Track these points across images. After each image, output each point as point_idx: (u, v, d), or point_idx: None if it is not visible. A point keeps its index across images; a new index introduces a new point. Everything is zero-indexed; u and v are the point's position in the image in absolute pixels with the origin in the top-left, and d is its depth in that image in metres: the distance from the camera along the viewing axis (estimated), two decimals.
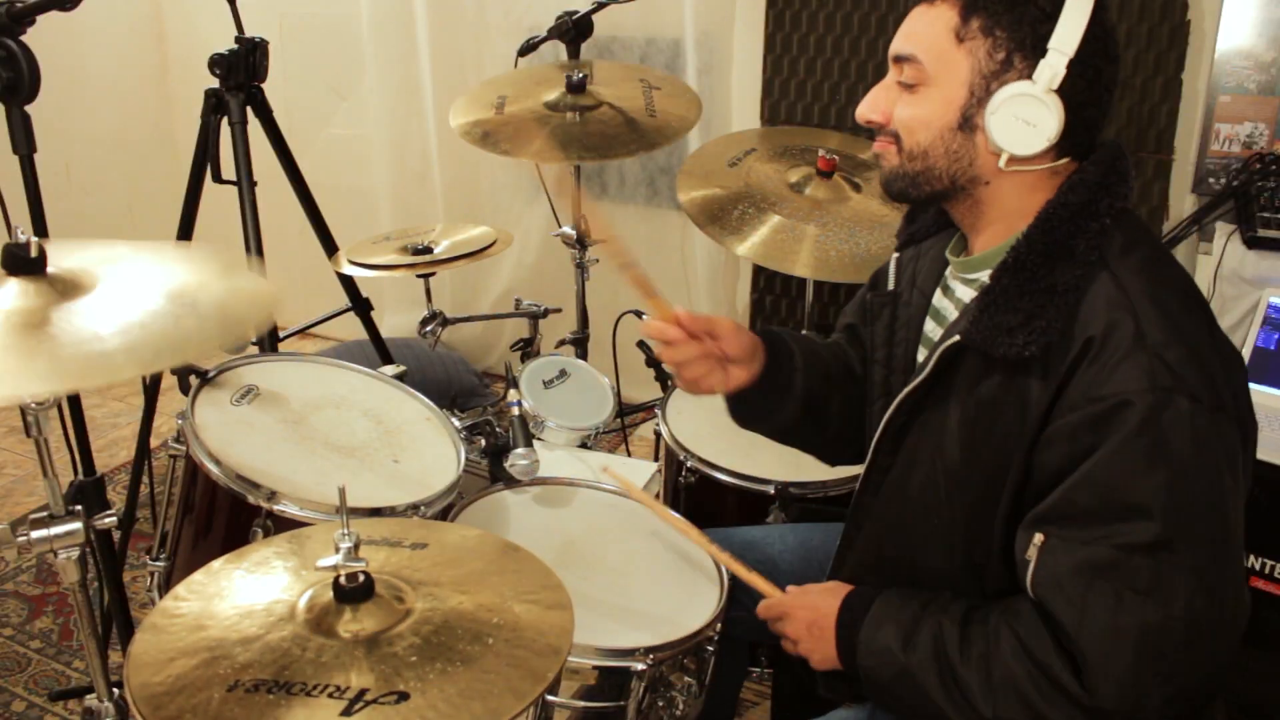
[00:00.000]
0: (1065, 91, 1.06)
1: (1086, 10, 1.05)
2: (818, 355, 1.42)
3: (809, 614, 1.25)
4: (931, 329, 1.27)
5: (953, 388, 1.14)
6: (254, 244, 2.09)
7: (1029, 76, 1.06)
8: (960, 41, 1.09)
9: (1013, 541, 1.10)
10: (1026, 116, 1.06)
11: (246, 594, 1.11)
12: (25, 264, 1.12)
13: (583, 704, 1.37)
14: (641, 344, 2.09)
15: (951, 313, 1.22)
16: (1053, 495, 1.04)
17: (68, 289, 1.13)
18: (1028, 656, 1.03)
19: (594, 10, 2.34)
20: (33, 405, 1.19)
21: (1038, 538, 1.05)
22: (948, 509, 1.15)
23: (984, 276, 1.14)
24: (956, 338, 1.11)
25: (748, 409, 1.41)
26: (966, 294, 1.20)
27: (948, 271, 1.25)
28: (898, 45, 1.14)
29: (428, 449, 1.68)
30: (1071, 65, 1.05)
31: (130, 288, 1.17)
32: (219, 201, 2.24)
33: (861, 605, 1.19)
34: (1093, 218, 1.07)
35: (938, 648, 1.10)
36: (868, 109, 1.16)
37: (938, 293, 1.27)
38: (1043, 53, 1.06)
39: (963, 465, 1.13)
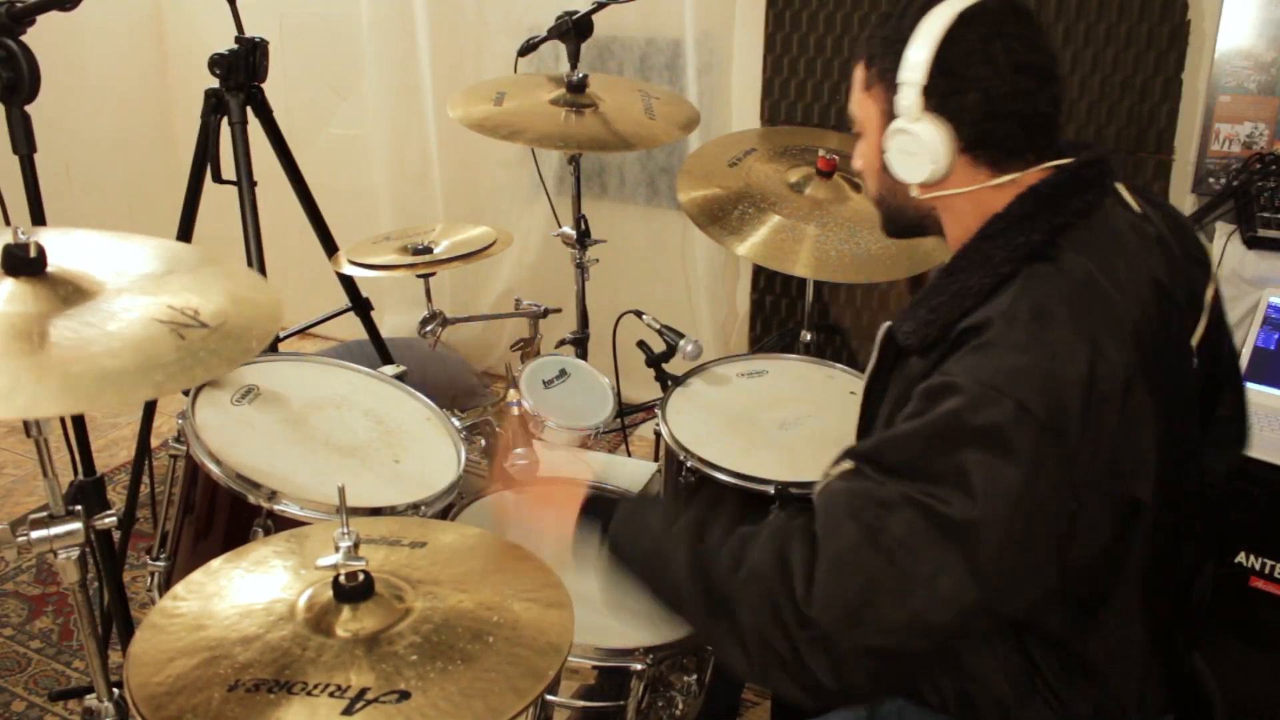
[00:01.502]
0: (949, 112, 1.10)
1: (935, 34, 1.09)
2: None
3: (552, 485, 1.29)
4: None
5: (885, 369, 1.20)
6: (254, 244, 2.09)
7: None
8: (867, 90, 1.19)
9: None
10: (904, 148, 1.14)
11: (246, 593, 1.11)
12: (24, 265, 1.12)
13: (582, 704, 1.37)
14: (641, 344, 2.09)
15: None
16: (874, 437, 1.09)
17: (70, 295, 1.13)
18: (777, 550, 1.04)
19: (594, 10, 2.34)
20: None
21: (846, 464, 1.08)
22: None
23: None
24: (888, 324, 1.17)
25: None
26: None
27: None
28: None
29: (428, 449, 1.68)
30: (942, 86, 1.09)
31: (132, 297, 1.16)
32: (219, 201, 2.24)
33: (608, 498, 1.22)
34: (1022, 231, 1.09)
35: (697, 528, 1.11)
36: (854, 161, 1.27)
37: None
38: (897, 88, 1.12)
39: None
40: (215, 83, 2.11)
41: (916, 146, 1.12)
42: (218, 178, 2.16)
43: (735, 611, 1.04)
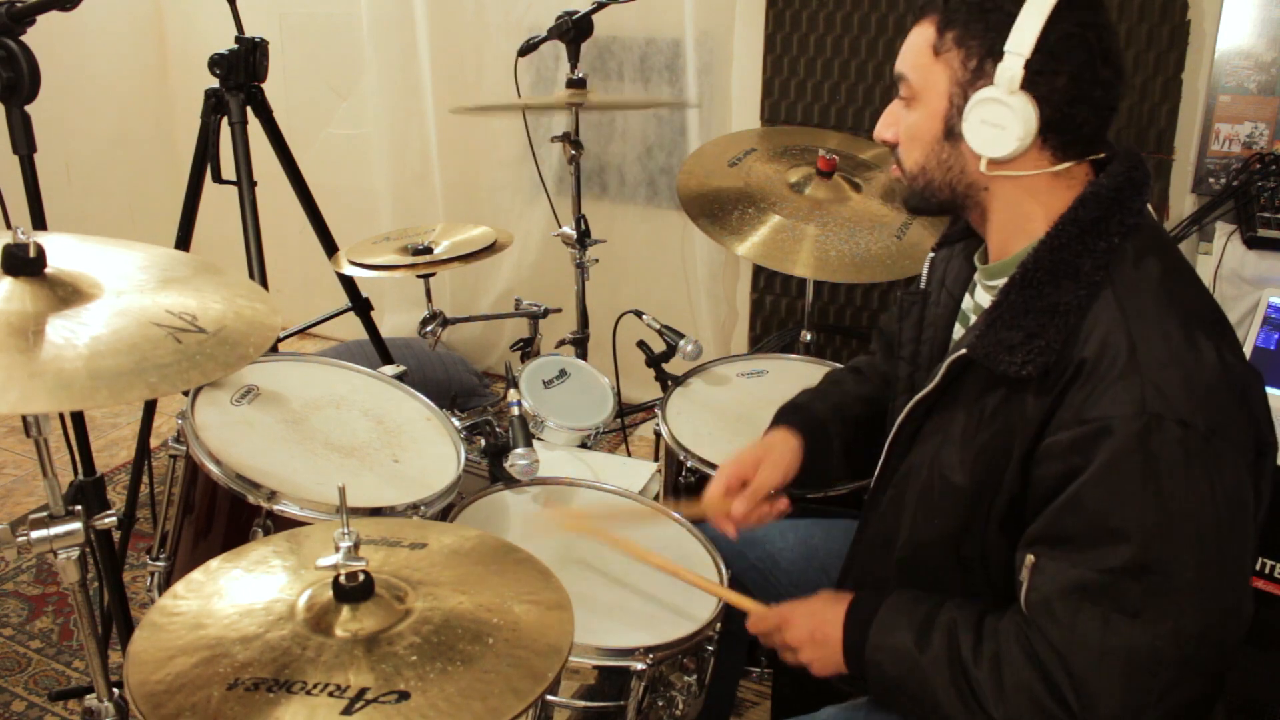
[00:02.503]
0: (1039, 91, 1.07)
1: (1045, 9, 1.06)
2: (848, 412, 1.48)
3: (811, 620, 1.24)
4: (958, 332, 1.29)
5: (960, 397, 1.15)
6: (254, 244, 2.09)
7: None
8: (937, 55, 1.13)
9: (1001, 550, 1.11)
10: (992, 119, 1.09)
11: (245, 593, 1.11)
12: (23, 265, 1.12)
13: (583, 704, 1.37)
14: (641, 344, 2.09)
15: (974, 318, 1.24)
16: (1042, 517, 1.05)
17: (68, 296, 1.13)
18: (1037, 664, 1.03)
19: (594, 10, 2.34)
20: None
21: (1029, 559, 1.05)
22: (943, 514, 1.16)
23: (1001, 284, 1.15)
24: (963, 351, 1.12)
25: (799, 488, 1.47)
26: (986, 300, 1.21)
27: (975, 275, 1.26)
28: (897, 65, 1.18)
29: (428, 449, 1.68)
30: (1038, 64, 1.06)
31: (130, 300, 1.16)
32: (219, 201, 2.24)
33: (869, 607, 1.19)
34: (1101, 236, 1.08)
35: (951, 646, 1.10)
36: (881, 128, 1.22)
37: (966, 296, 1.28)
38: (1000, 56, 1.08)
39: (958, 474, 1.14)
40: (215, 83, 2.11)
41: (1008, 119, 1.08)
42: (218, 178, 2.16)
43: None
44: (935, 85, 1.14)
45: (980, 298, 1.23)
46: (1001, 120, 1.08)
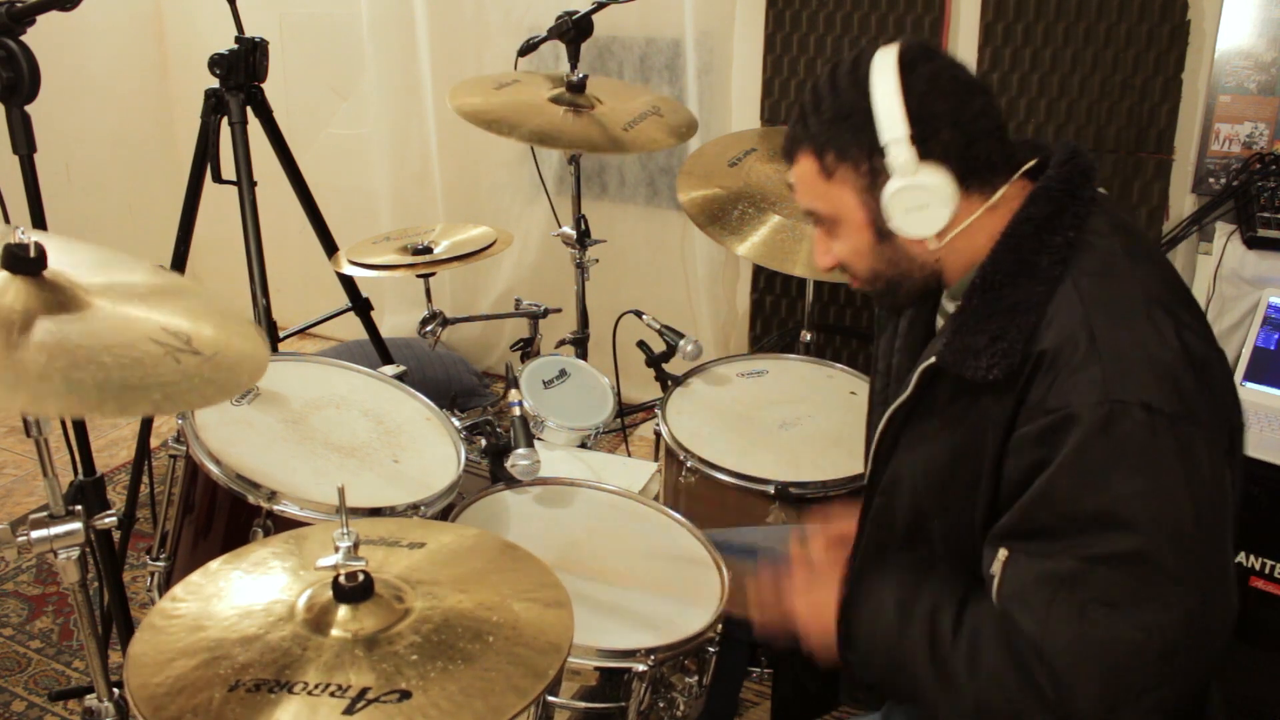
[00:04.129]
0: (935, 154, 1.08)
1: (892, 88, 1.08)
2: None
3: (811, 600, 1.23)
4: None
5: (934, 405, 1.15)
6: (254, 244, 2.09)
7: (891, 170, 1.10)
8: (830, 178, 1.14)
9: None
10: (914, 204, 1.10)
11: (245, 594, 1.11)
12: (23, 264, 1.12)
13: (584, 705, 1.37)
14: (641, 344, 2.09)
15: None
16: (1012, 510, 1.04)
17: (64, 301, 1.12)
18: (1012, 652, 1.02)
19: (594, 10, 2.34)
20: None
21: (1001, 553, 1.05)
22: (932, 519, 1.17)
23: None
24: (933, 359, 1.12)
25: None
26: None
27: (942, 299, 1.26)
28: (799, 203, 1.21)
29: (428, 449, 1.68)
30: (919, 133, 1.08)
31: (125, 312, 1.16)
32: (219, 201, 2.24)
33: (858, 580, 1.20)
34: (1057, 230, 1.08)
35: (933, 620, 1.09)
36: (819, 258, 1.24)
37: (938, 316, 1.28)
38: (883, 151, 1.09)
39: (940, 479, 1.14)
40: (215, 83, 2.11)
41: (926, 197, 1.09)
42: (218, 178, 2.16)
43: (993, 712, 1.03)
44: (845, 204, 1.15)
45: (948, 310, 1.23)
46: (921, 200, 1.10)
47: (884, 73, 1.09)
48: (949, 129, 1.08)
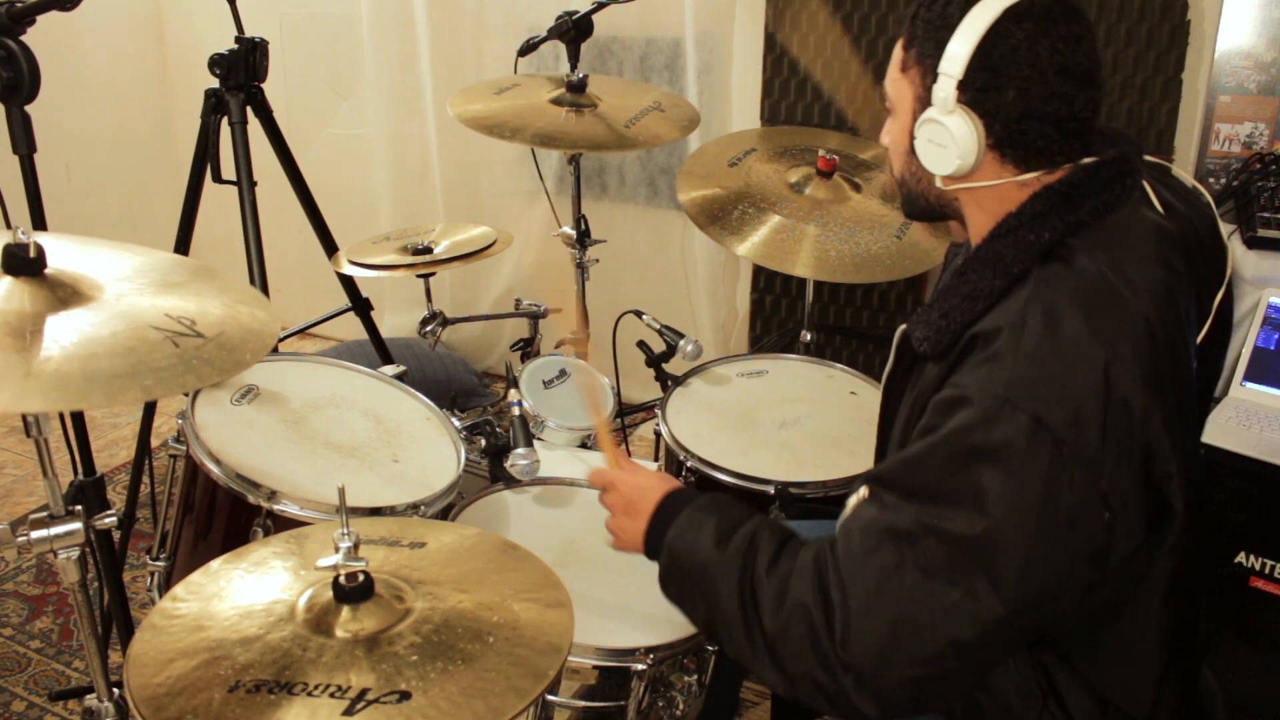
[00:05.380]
0: (984, 108, 1.07)
1: (979, 28, 1.06)
2: None
3: (632, 491, 1.25)
4: None
5: (910, 375, 1.18)
6: (254, 244, 2.09)
7: None
8: (904, 71, 1.15)
9: None
10: (934, 138, 1.11)
11: (245, 594, 1.11)
12: (23, 264, 1.12)
13: (583, 704, 1.37)
14: (641, 344, 2.09)
15: None
16: (889, 459, 1.07)
17: (67, 297, 1.13)
18: (820, 586, 1.03)
19: (594, 10, 2.34)
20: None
21: (863, 491, 1.07)
22: None
23: None
24: (903, 327, 1.15)
25: None
26: None
27: None
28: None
29: (428, 449, 1.68)
30: (980, 81, 1.06)
31: (130, 302, 1.16)
32: (219, 201, 2.24)
33: (686, 497, 1.21)
34: (1033, 230, 1.07)
35: (748, 553, 1.10)
36: (881, 137, 1.24)
37: None
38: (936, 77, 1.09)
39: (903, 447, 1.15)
40: (215, 83, 2.11)
41: (946, 139, 1.09)
42: (218, 178, 2.16)
43: (778, 646, 1.04)
44: (904, 100, 1.16)
45: None
46: (941, 139, 1.10)
47: (987, 11, 1.06)
48: (1014, 93, 1.06)
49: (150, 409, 2.31)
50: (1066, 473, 0.96)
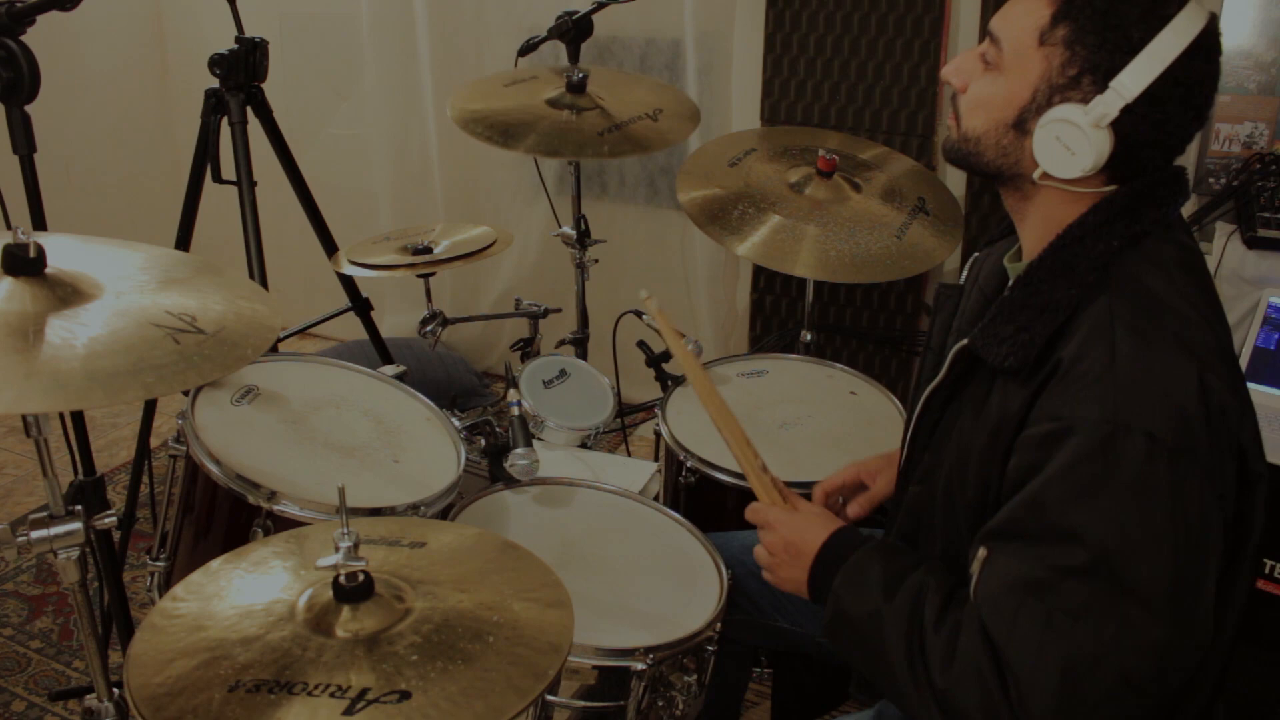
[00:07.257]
0: (1124, 129, 1.04)
1: (1167, 58, 1.01)
2: None
3: (792, 534, 1.24)
4: None
5: (968, 390, 1.15)
6: (254, 244, 2.09)
7: (1089, 102, 1.04)
8: (1041, 43, 1.06)
9: None
10: (1068, 142, 1.05)
11: (246, 594, 1.11)
12: (23, 265, 1.12)
13: (583, 704, 1.37)
14: (641, 344, 2.09)
15: None
16: (1000, 511, 1.04)
17: (68, 296, 1.13)
18: (989, 647, 1.02)
19: (594, 10, 2.34)
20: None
21: (982, 552, 1.05)
22: (956, 508, 1.16)
23: None
24: (965, 341, 1.12)
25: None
26: None
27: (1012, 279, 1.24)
28: (994, 21, 1.11)
29: (428, 449, 1.68)
30: (1136, 107, 1.02)
31: (130, 300, 1.16)
32: (219, 201, 2.24)
33: (853, 540, 1.20)
34: (1101, 239, 1.06)
35: (916, 604, 1.08)
36: (951, 71, 1.15)
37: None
38: (1105, 87, 1.03)
39: (962, 466, 1.13)
40: (215, 83, 2.11)
41: (1083, 148, 1.04)
42: (218, 178, 2.16)
43: (950, 700, 1.02)
44: (1026, 71, 1.07)
45: None
46: (1075, 145, 1.04)
47: (1178, 37, 1.00)
48: (1152, 125, 1.03)
49: (150, 409, 2.31)
50: (1188, 481, 0.96)
